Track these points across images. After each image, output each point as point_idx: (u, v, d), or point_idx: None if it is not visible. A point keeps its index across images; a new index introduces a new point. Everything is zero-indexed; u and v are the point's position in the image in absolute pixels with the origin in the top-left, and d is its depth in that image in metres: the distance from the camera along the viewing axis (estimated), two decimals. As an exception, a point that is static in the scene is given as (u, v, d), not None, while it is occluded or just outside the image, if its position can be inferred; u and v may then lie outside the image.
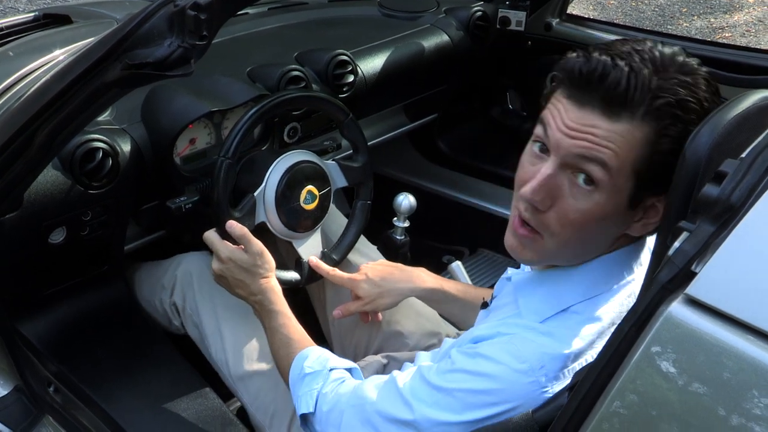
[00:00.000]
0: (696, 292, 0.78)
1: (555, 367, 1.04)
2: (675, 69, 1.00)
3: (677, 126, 0.98)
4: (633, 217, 1.05)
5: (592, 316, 1.07)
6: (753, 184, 0.80)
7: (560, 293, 1.10)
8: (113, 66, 1.18)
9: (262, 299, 1.50)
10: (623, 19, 5.98)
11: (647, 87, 0.98)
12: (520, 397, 1.03)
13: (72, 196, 1.52)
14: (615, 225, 1.06)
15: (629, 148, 0.99)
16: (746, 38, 5.64)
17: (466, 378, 1.07)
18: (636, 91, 0.98)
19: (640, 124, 0.99)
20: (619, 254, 1.10)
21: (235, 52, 1.96)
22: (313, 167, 1.67)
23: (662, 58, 1.00)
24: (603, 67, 0.98)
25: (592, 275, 1.10)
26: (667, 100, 0.98)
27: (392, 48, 2.11)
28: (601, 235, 1.08)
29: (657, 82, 0.98)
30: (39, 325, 1.65)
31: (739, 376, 0.75)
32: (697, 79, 1.01)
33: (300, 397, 1.31)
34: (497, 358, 1.05)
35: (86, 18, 2.16)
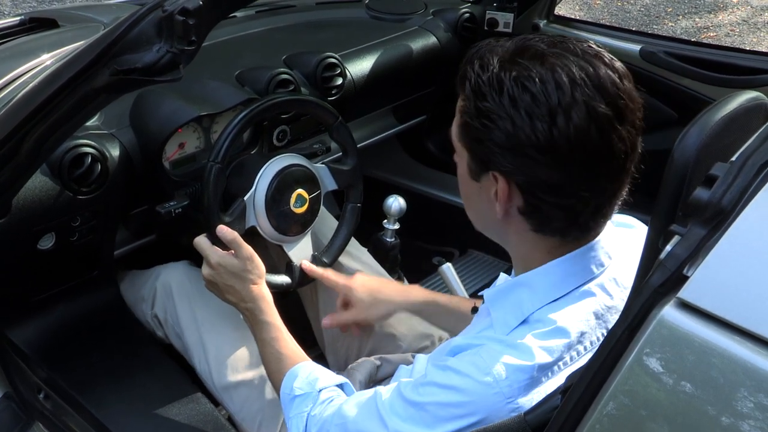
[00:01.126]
0: (688, 295, 0.78)
1: (519, 378, 1.02)
2: (502, 51, 1.03)
3: (468, 96, 1.03)
4: (486, 193, 1.07)
5: (557, 327, 1.06)
6: (743, 188, 0.80)
7: (521, 301, 1.10)
8: (101, 71, 1.18)
9: (252, 307, 1.49)
10: (609, 19, 6.00)
11: (468, 58, 1.05)
12: (485, 408, 1.03)
13: (61, 202, 1.51)
14: (477, 198, 1.10)
15: (457, 115, 1.07)
16: (731, 38, 5.67)
17: (435, 391, 1.07)
18: (464, 62, 1.05)
19: (460, 91, 1.05)
20: (571, 257, 1.09)
21: (223, 55, 1.96)
22: (303, 171, 1.66)
23: (509, 43, 1.05)
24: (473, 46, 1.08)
25: (546, 279, 1.09)
26: (465, 69, 1.04)
27: (381, 50, 2.11)
28: (477, 207, 1.12)
29: (475, 54, 1.04)
30: (28, 331, 1.64)
31: (730, 377, 0.75)
32: (498, 61, 1.02)
33: (291, 419, 1.31)
34: (463, 370, 1.05)
35: (73, 22, 2.14)
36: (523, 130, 0.97)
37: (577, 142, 0.97)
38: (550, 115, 0.96)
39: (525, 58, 0.99)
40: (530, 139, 0.98)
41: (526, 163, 1.00)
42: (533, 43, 1.02)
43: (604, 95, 0.98)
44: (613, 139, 0.99)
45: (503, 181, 1.03)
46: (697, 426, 0.77)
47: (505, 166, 1.01)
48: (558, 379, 1.06)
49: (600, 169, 1.00)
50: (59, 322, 1.67)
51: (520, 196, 1.04)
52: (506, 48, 1.02)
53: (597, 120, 0.97)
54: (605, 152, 0.99)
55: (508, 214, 1.07)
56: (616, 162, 1.01)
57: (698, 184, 0.85)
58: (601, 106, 0.97)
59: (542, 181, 1.01)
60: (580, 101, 0.96)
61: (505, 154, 1.00)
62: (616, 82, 1.00)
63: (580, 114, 0.96)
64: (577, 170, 0.99)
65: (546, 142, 0.97)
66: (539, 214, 1.05)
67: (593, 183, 1.01)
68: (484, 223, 1.15)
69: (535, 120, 0.97)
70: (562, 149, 0.97)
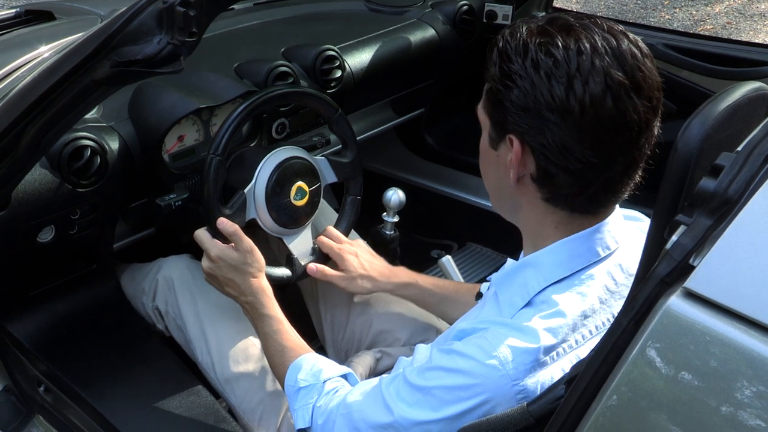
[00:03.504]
0: (694, 285, 0.78)
1: (524, 360, 1.04)
2: (533, 23, 1.06)
3: (494, 61, 1.05)
4: (503, 161, 1.09)
5: (560, 308, 1.07)
6: (749, 178, 0.80)
7: (527, 281, 1.11)
8: (102, 63, 1.17)
9: (253, 301, 1.49)
10: (606, 11, 6.01)
11: (503, 31, 1.07)
12: (490, 390, 1.04)
13: (60, 195, 1.50)
14: (495, 167, 1.12)
15: (486, 85, 1.10)
16: (727, 30, 5.68)
17: (441, 375, 1.08)
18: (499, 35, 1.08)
19: (490, 62, 1.08)
20: (578, 237, 1.10)
21: (221, 48, 1.95)
22: (303, 163, 1.66)
23: (543, 19, 1.07)
24: None
25: (553, 257, 1.10)
26: (497, 39, 1.07)
27: (379, 43, 2.11)
28: (494, 177, 1.14)
29: (509, 27, 1.07)
30: (28, 324, 1.64)
31: (736, 367, 0.75)
32: (527, 30, 1.04)
33: (296, 411, 1.32)
34: (468, 353, 1.06)
35: (69, 14, 2.13)
36: (540, 90, 1.00)
37: (591, 106, 0.99)
38: (569, 79, 0.99)
39: (553, 27, 1.03)
40: (546, 100, 1.00)
41: (539, 124, 1.01)
42: (563, 16, 1.05)
43: (622, 64, 1.00)
44: (628, 109, 1.00)
45: (517, 143, 1.05)
46: (701, 416, 0.77)
47: (520, 126, 1.03)
48: (562, 362, 1.07)
49: (612, 137, 1.01)
50: (59, 316, 1.66)
51: (532, 161, 1.05)
52: (539, 21, 1.06)
53: (613, 88, 0.99)
54: (618, 120, 1.00)
55: (522, 182, 1.08)
56: (628, 133, 1.02)
57: (701, 174, 0.85)
58: (619, 74, 0.99)
59: (553, 142, 1.02)
60: (599, 68, 0.99)
61: (520, 114, 1.02)
62: (636, 55, 1.02)
63: (598, 80, 0.98)
64: (588, 135, 1.00)
65: (561, 103, 0.99)
66: (550, 180, 1.06)
67: (603, 151, 1.02)
68: (500, 193, 1.16)
69: (553, 81, 0.99)
70: (575, 112, 0.99)
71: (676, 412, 0.79)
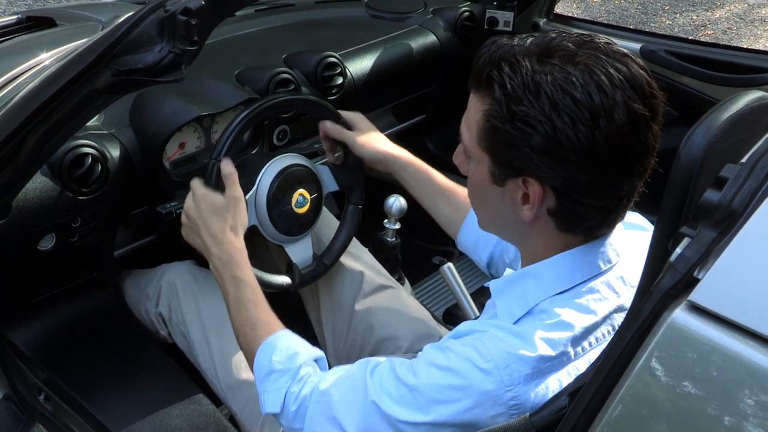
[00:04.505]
0: (699, 298, 0.77)
1: (520, 368, 1.02)
2: (527, 51, 1.01)
3: (498, 100, 1.00)
4: (511, 197, 1.07)
5: (561, 320, 1.05)
6: (754, 189, 0.80)
7: (527, 292, 1.10)
8: (103, 72, 1.17)
9: (227, 259, 1.38)
10: (607, 17, 6.01)
11: (488, 61, 1.02)
12: (482, 394, 1.02)
13: (61, 203, 1.50)
14: (499, 201, 1.09)
15: (474, 118, 1.06)
16: (728, 35, 5.68)
17: (433, 372, 1.05)
18: (482, 63, 1.03)
19: (481, 96, 1.04)
20: (579, 251, 1.09)
21: (222, 55, 1.95)
22: (305, 171, 1.65)
23: (529, 42, 1.02)
24: (482, 49, 1.05)
25: (553, 270, 1.09)
26: (491, 72, 1.01)
27: (380, 49, 2.11)
28: (497, 210, 1.11)
29: (499, 56, 1.01)
30: (29, 332, 1.63)
31: (742, 381, 0.74)
32: (529, 62, 1.00)
33: (266, 393, 1.25)
34: (464, 354, 1.04)
35: (70, 21, 2.13)
36: (565, 133, 0.97)
37: (618, 142, 0.98)
38: (593, 117, 0.96)
39: (557, 59, 0.99)
40: (572, 143, 0.97)
41: (565, 167, 0.99)
42: (561, 43, 1.01)
43: (640, 95, 0.99)
44: (649, 137, 1.00)
45: (537, 185, 1.02)
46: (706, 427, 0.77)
47: (543, 171, 1.00)
48: (560, 374, 1.05)
49: (636, 167, 1.02)
50: (59, 323, 1.66)
51: (553, 199, 1.03)
52: (531, 48, 1.01)
53: (636, 120, 0.98)
54: (642, 150, 1.01)
55: (537, 216, 1.06)
56: (648, 159, 1.03)
57: (704, 184, 0.85)
58: (640, 107, 0.98)
59: (582, 183, 1.00)
60: (621, 102, 0.97)
61: (543, 159, 0.99)
62: (650, 82, 1.01)
63: (621, 115, 0.97)
64: (616, 170, 1.00)
65: (588, 144, 0.97)
66: (571, 214, 1.05)
67: (629, 181, 1.02)
68: (500, 225, 1.15)
69: (577, 123, 0.96)
70: (603, 150, 0.98)
71: (680, 424, 0.78)
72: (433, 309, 2.31)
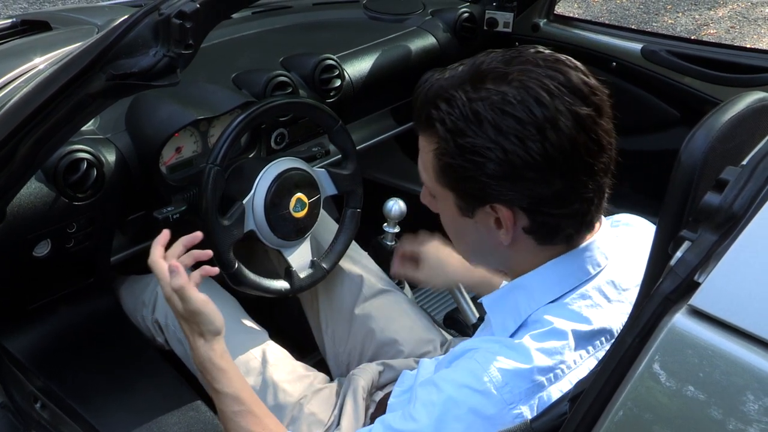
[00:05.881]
0: (699, 302, 0.76)
1: (518, 384, 1.00)
2: (460, 81, 1.00)
3: (443, 137, 1.00)
4: (484, 225, 1.06)
5: (554, 328, 1.04)
6: (755, 192, 0.79)
7: (518, 304, 1.08)
8: (97, 76, 1.16)
9: (199, 367, 1.32)
10: (608, 16, 6.00)
11: (424, 101, 1.02)
12: (486, 418, 0.99)
13: (56, 209, 1.49)
14: (474, 232, 1.08)
15: (427, 158, 1.05)
16: (731, 34, 5.66)
17: (432, 410, 1.01)
18: (420, 104, 1.03)
19: (427, 136, 1.04)
20: (567, 257, 1.08)
21: (219, 58, 1.94)
22: (303, 174, 1.64)
23: (460, 71, 1.02)
24: (417, 89, 1.05)
25: (543, 280, 1.08)
26: (429, 112, 1.01)
27: (379, 51, 2.10)
28: (475, 240, 1.10)
29: (433, 93, 1.01)
30: (25, 339, 1.62)
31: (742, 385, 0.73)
32: (462, 93, 0.99)
33: None
34: (459, 381, 1.01)
35: (65, 24, 2.12)
36: (516, 154, 0.96)
37: (571, 149, 0.97)
38: (539, 131, 0.96)
39: (490, 82, 0.98)
40: (526, 161, 0.96)
41: (526, 186, 0.99)
42: (490, 65, 1.00)
43: (581, 97, 0.98)
44: (601, 134, 1.00)
45: (505, 209, 1.02)
46: None
47: (506, 195, 1.00)
48: (561, 384, 1.04)
49: (596, 166, 1.01)
50: (56, 330, 1.65)
51: (524, 217, 1.03)
52: (463, 77, 1.00)
53: (582, 122, 0.97)
54: (596, 149, 1.00)
55: (514, 237, 1.05)
56: (607, 155, 1.02)
57: (706, 187, 0.83)
58: (583, 108, 0.97)
59: (547, 196, 1.00)
60: (564, 110, 0.96)
61: (502, 184, 0.99)
62: (587, 81, 1.00)
63: (567, 122, 0.96)
64: (577, 175, 0.99)
65: (542, 158, 0.96)
66: (546, 227, 1.04)
67: (593, 181, 1.01)
68: (482, 253, 1.14)
69: (526, 141, 0.96)
70: (558, 160, 0.97)
71: (683, 428, 0.77)
72: (434, 313, 2.30)
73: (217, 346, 1.31)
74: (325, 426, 1.51)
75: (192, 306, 1.29)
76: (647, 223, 1.24)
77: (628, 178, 1.52)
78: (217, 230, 1.54)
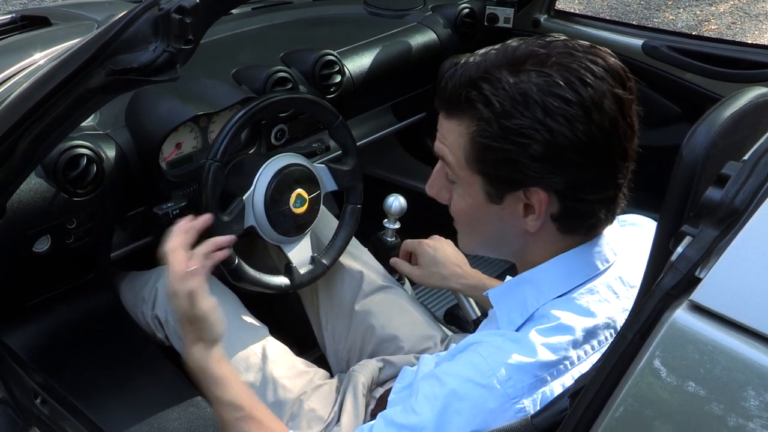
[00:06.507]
0: (700, 298, 0.76)
1: (522, 378, 0.99)
2: (497, 64, 0.99)
3: (486, 119, 0.99)
4: (511, 211, 1.05)
5: (561, 323, 1.03)
6: (756, 187, 0.79)
7: (526, 298, 1.08)
8: (97, 72, 1.16)
9: (196, 371, 1.33)
10: (609, 12, 5.99)
11: (461, 83, 1.00)
12: (489, 412, 0.99)
13: (56, 204, 1.49)
14: (497, 219, 1.07)
15: (458, 143, 1.03)
16: (732, 30, 5.65)
17: (434, 403, 1.01)
18: (454, 86, 1.01)
19: (462, 119, 1.02)
20: (575, 252, 1.08)
21: (219, 53, 1.94)
22: (303, 170, 1.64)
23: (493, 55, 1.01)
24: (445, 72, 1.03)
25: (551, 274, 1.08)
26: (469, 93, 0.99)
27: (379, 47, 2.09)
28: (494, 229, 1.09)
29: (469, 75, 1.00)
30: (25, 335, 1.62)
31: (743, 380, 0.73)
32: (506, 75, 0.98)
33: None
34: (462, 374, 1.01)
35: (65, 20, 2.12)
36: (563, 134, 0.96)
37: (612, 131, 0.98)
38: (585, 112, 0.96)
39: (531, 65, 0.97)
40: (571, 142, 0.97)
41: (568, 168, 0.99)
42: (528, 49, 0.99)
43: (620, 81, 1.00)
44: (634, 119, 1.02)
45: (542, 193, 1.01)
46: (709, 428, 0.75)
47: (546, 178, 0.99)
48: (564, 379, 1.04)
49: (629, 151, 1.02)
50: (56, 326, 1.64)
51: (557, 203, 1.02)
52: (497, 60, 0.99)
53: (623, 105, 0.99)
54: (631, 133, 1.02)
55: (541, 224, 1.05)
56: (635, 140, 1.04)
57: (707, 182, 0.83)
58: (623, 92, 0.99)
59: (586, 180, 1.00)
60: (607, 92, 0.97)
61: (544, 166, 0.98)
62: (623, 67, 1.02)
63: (610, 104, 0.98)
64: (614, 159, 1.01)
65: (587, 139, 0.97)
66: (575, 214, 1.04)
67: (625, 166, 1.03)
68: (497, 243, 1.13)
69: (573, 122, 0.96)
70: (600, 142, 0.98)
71: (683, 424, 0.77)
72: (434, 309, 2.30)
73: (215, 354, 1.31)
74: (324, 422, 1.51)
75: (199, 311, 1.29)
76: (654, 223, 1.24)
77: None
78: (217, 226, 1.53)
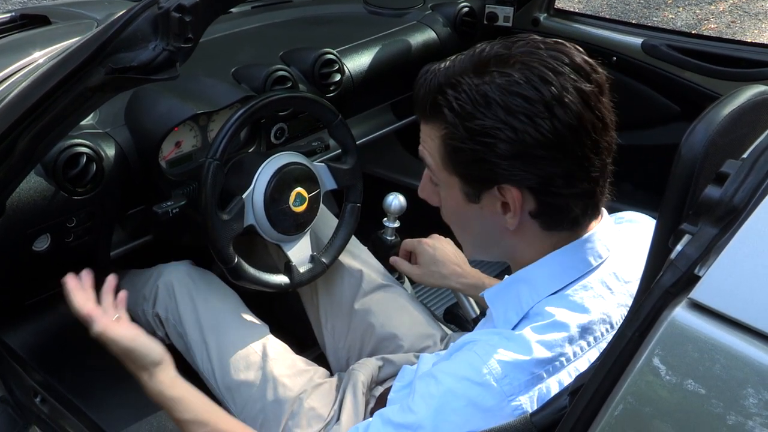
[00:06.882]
0: (700, 296, 0.76)
1: (518, 376, 0.99)
2: (464, 68, 1.01)
3: (452, 122, 1.01)
4: (491, 210, 1.06)
5: (555, 320, 1.04)
6: (755, 186, 0.78)
7: (521, 296, 1.08)
8: (96, 70, 1.15)
9: (159, 400, 1.33)
10: (608, 11, 5.99)
11: (430, 89, 1.03)
12: (486, 410, 0.99)
13: (56, 203, 1.49)
14: (479, 218, 1.08)
15: (434, 146, 1.05)
16: (731, 29, 5.65)
17: (431, 402, 1.01)
18: (424, 93, 1.04)
19: (434, 123, 1.04)
20: (568, 248, 1.08)
21: (218, 52, 1.94)
22: (302, 169, 1.64)
23: (460, 60, 1.03)
24: (419, 79, 1.06)
25: (545, 271, 1.08)
26: (436, 98, 1.02)
27: (379, 46, 2.09)
28: (480, 230, 1.11)
29: (437, 82, 1.02)
30: (24, 334, 1.62)
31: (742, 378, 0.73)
32: (470, 78, 0.99)
33: None
34: (458, 373, 1.01)
35: (65, 18, 2.12)
36: (527, 132, 0.97)
37: (578, 125, 0.98)
38: (547, 108, 0.97)
39: (493, 66, 0.99)
40: (536, 139, 0.97)
41: (536, 164, 0.99)
42: (491, 52, 1.01)
43: (583, 75, 1.00)
44: (604, 112, 1.01)
45: (514, 190, 1.02)
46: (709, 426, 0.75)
47: (515, 175, 1.00)
48: (561, 375, 1.04)
49: (601, 144, 1.02)
50: (55, 325, 1.65)
51: (532, 200, 1.03)
52: (466, 65, 1.01)
53: (587, 99, 0.99)
54: (601, 126, 1.01)
55: (520, 222, 1.05)
56: (610, 133, 1.03)
57: (706, 180, 0.83)
58: (587, 85, 0.99)
59: (556, 175, 1.00)
60: (569, 87, 0.98)
61: (513, 163, 0.99)
62: (587, 60, 1.02)
63: (573, 98, 0.97)
64: (585, 152, 1.00)
65: (552, 135, 0.97)
66: (553, 209, 1.04)
67: (599, 160, 1.02)
68: (486, 244, 1.14)
69: (535, 119, 0.96)
70: (567, 137, 0.98)
71: (682, 422, 0.77)
72: (434, 308, 2.30)
73: (164, 377, 1.31)
74: (324, 421, 1.51)
75: (121, 346, 1.30)
76: (652, 219, 1.24)
77: (629, 173, 1.52)
78: (217, 225, 1.53)
